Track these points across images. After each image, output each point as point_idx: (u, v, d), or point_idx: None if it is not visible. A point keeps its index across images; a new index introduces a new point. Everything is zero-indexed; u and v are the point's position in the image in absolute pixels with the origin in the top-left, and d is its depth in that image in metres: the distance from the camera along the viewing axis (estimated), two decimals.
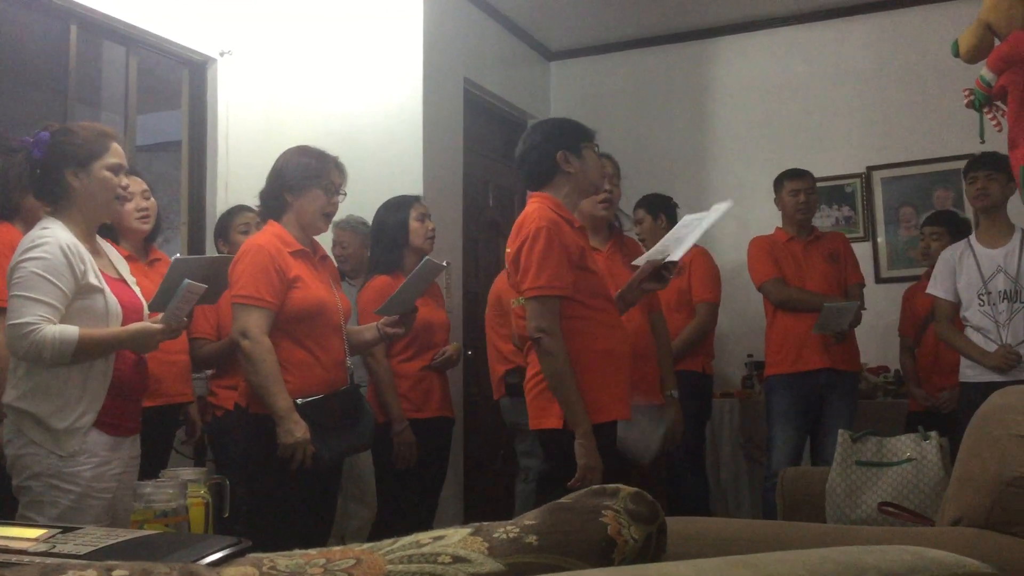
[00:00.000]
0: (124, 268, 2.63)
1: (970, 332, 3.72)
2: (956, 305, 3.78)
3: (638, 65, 5.94)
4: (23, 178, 2.47)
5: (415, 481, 3.59)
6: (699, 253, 4.31)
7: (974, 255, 3.75)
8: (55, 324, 2.28)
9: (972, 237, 3.85)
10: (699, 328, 4.30)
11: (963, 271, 3.76)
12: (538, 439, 2.85)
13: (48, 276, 2.28)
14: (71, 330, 2.29)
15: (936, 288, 3.85)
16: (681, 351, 4.14)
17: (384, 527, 3.59)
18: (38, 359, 2.28)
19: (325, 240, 3.72)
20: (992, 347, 3.64)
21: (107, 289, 2.41)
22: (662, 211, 4.49)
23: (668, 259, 2.86)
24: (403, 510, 3.57)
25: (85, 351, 2.32)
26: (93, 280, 2.37)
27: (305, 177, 2.86)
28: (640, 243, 3.96)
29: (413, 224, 3.66)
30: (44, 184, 2.43)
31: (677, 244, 2.92)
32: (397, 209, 3.70)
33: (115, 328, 2.40)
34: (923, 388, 4.33)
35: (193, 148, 4.68)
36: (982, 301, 3.69)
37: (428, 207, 3.81)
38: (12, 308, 2.29)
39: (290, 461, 2.69)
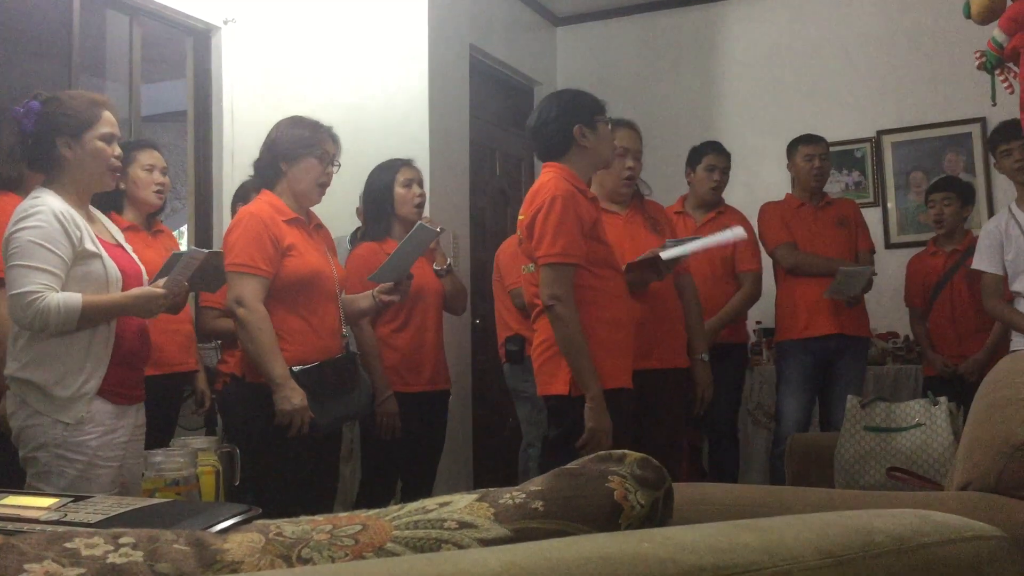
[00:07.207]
0: (119, 235, 2.61)
1: (1022, 305, 3.58)
2: (1003, 279, 3.65)
3: (646, 30, 5.87)
4: (16, 149, 2.42)
5: (403, 453, 3.47)
6: (743, 221, 4.03)
7: (1019, 225, 3.61)
8: (58, 292, 2.27)
9: (1013, 205, 3.72)
10: (749, 299, 4.15)
11: (1011, 243, 3.62)
12: (544, 405, 2.88)
13: (45, 244, 2.26)
14: (75, 297, 2.27)
15: (982, 262, 3.72)
16: (729, 320, 4.07)
17: (370, 494, 3.51)
18: (44, 328, 2.26)
19: (331, 210, 3.66)
20: None
21: (105, 254, 2.40)
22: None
23: (659, 254, 2.93)
24: (389, 478, 3.52)
25: (90, 317, 2.31)
26: (90, 246, 2.35)
27: (300, 147, 2.86)
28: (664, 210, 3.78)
29: (399, 191, 3.52)
30: (36, 154, 2.40)
31: (677, 244, 3.01)
32: (383, 171, 3.58)
33: (117, 293, 2.39)
34: (939, 354, 4.24)
35: (198, 118, 4.66)
36: None
37: (419, 171, 3.64)
38: (13, 278, 2.26)
39: (288, 428, 2.70)
